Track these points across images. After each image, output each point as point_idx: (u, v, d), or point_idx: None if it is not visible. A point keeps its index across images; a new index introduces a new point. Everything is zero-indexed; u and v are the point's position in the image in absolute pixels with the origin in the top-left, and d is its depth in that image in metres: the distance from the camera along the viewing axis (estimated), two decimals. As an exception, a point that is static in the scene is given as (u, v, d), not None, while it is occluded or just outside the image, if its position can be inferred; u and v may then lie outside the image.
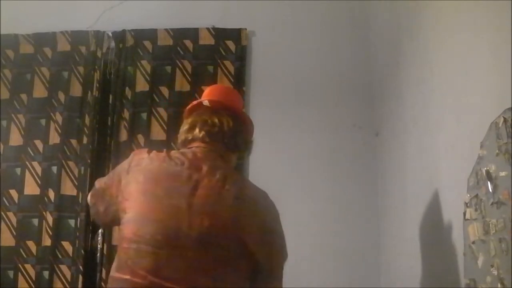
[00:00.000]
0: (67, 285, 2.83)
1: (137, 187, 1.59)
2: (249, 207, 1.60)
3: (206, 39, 3.15)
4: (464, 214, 1.66)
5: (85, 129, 3.04)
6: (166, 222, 1.52)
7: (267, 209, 1.66)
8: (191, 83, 3.09)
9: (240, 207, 1.58)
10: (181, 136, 1.77)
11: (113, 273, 1.55)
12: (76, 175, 2.99)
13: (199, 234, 1.51)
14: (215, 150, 1.70)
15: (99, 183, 1.76)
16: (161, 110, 3.06)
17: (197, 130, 1.72)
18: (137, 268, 1.48)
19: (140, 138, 3.02)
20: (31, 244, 2.91)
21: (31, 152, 3.05)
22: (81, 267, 2.83)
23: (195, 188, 1.57)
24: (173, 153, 1.68)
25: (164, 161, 1.63)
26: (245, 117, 1.84)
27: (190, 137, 1.73)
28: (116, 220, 1.66)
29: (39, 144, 3.07)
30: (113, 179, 1.70)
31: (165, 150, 1.70)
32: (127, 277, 1.48)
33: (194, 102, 1.82)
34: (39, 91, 3.15)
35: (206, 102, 1.77)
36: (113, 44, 3.19)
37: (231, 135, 1.74)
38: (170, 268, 1.48)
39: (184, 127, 1.77)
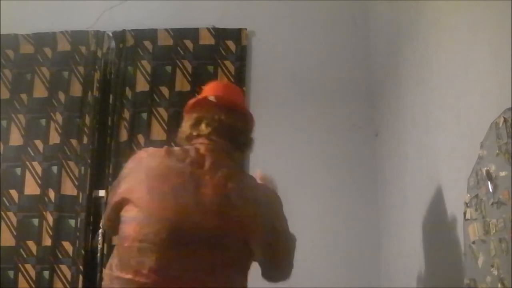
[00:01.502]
0: (67, 285, 2.83)
1: (140, 186, 1.55)
2: (252, 208, 1.57)
3: (206, 39, 3.16)
4: (464, 214, 1.66)
5: (85, 129, 3.04)
6: (172, 220, 1.48)
7: (269, 208, 1.63)
8: (191, 83, 3.09)
9: (243, 208, 1.55)
10: (185, 131, 1.70)
11: (113, 271, 1.50)
12: (76, 175, 2.99)
13: (205, 234, 1.49)
14: (220, 147, 1.64)
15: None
16: (161, 110, 3.06)
17: (203, 126, 1.66)
18: (141, 267, 1.45)
19: (140, 138, 3.02)
20: (31, 244, 2.91)
21: (31, 152, 3.06)
22: (81, 267, 2.84)
23: (198, 185, 1.53)
24: (174, 149, 1.63)
25: (165, 158, 1.58)
26: (249, 115, 1.78)
27: (195, 133, 1.67)
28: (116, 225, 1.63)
29: (39, 144, 3.07)
30: (114, 189, 1.67)
31: (165, 146, 1.64)
32: (129, 276, 1.45)
33: (199, 97, 1.75)
34: (39, 91, 3.15)
35: (212, 98, 1.70)
36: (113, 44, 3.19)
37: (239, 133, 1.70)
38: (175, 267, 1.46)
39: (188, 122, 1.70)
